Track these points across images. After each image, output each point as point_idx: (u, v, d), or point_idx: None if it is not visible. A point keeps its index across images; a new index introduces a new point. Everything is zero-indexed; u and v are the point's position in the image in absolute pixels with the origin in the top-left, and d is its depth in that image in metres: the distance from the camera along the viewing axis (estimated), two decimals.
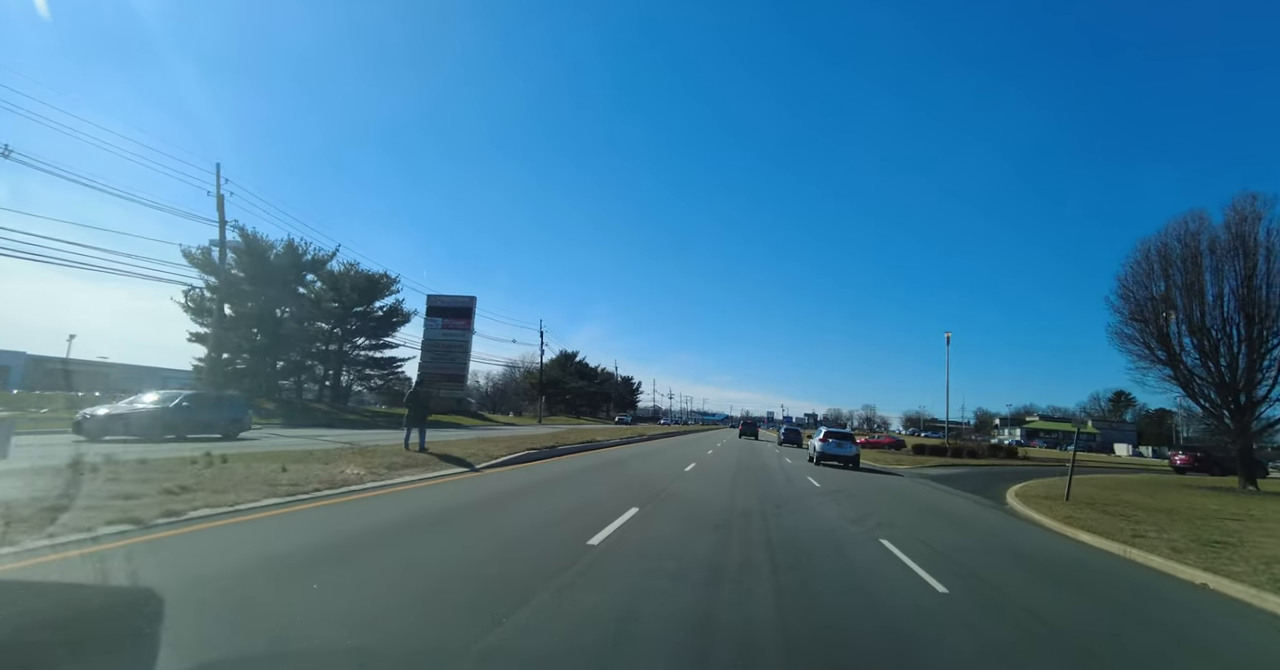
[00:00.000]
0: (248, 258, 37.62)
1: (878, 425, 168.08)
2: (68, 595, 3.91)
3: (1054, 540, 11.30)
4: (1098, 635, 5.47)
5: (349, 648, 3.54)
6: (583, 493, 11.92)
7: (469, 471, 13.20)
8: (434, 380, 59.27)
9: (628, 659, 3.86)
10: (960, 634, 5.08)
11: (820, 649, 4.46)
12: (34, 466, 9.03)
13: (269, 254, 38.71)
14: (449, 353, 59.72)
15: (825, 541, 8.74)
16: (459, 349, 59.90)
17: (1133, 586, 7.93)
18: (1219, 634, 6.12)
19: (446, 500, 9.60)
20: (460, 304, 60.84)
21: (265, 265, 38.09)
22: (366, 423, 36.05)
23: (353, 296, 44.48)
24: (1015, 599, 6.40)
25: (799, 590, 5.89)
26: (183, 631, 3.46)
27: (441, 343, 59.81)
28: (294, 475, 9.77)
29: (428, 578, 5.21)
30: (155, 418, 17.32)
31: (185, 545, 5.58)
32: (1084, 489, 19.20)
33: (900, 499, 16.05)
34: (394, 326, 48.57)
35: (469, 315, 60.34)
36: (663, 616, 4.66)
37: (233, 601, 4.25)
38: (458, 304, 60.87)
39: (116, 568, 4.69)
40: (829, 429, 29.63)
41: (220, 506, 7.16)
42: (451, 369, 59.68)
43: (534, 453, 16.85)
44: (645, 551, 6.92)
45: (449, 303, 60.88)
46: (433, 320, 60.34)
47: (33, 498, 6.43)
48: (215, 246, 35.26)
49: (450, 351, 59.78)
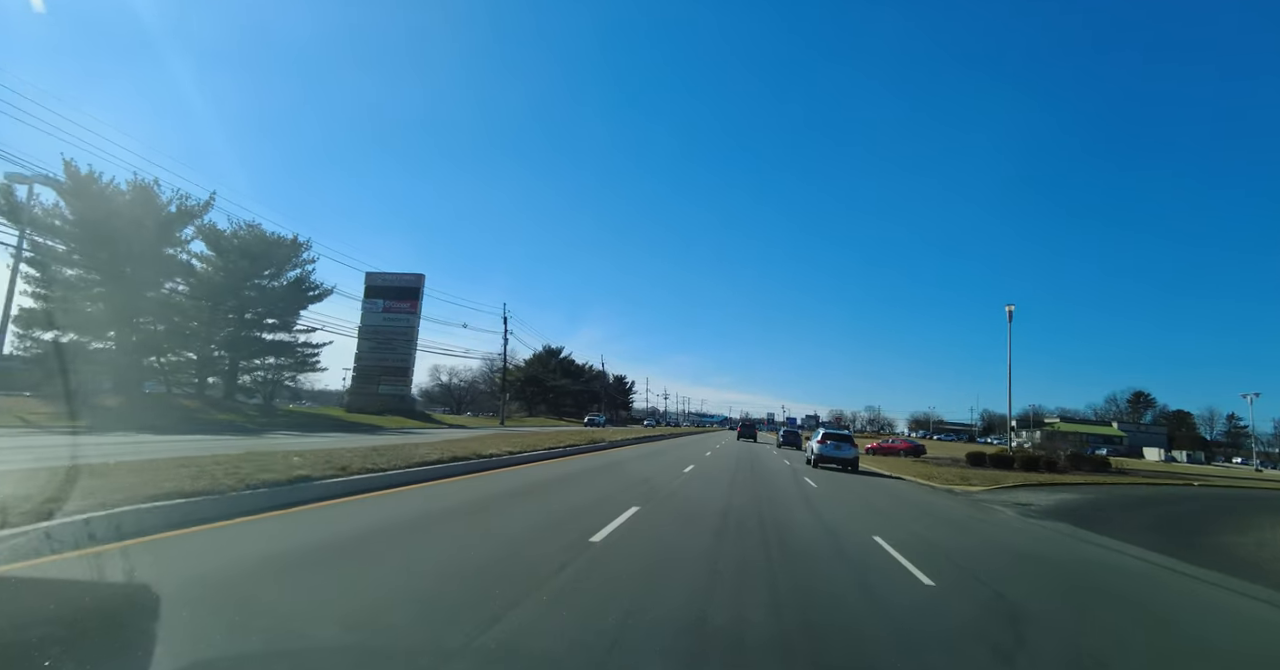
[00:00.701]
0: (76, 202, 27.81)
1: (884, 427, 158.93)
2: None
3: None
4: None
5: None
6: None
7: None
8: (371, 374, 49.63)
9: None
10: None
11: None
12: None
13: (112, 200, 28.87)
14: (390, 341, 49.92)
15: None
16: (402, 337, 50.10)
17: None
18: None
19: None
20: (404, 283, 51.04)
21: (105, 214, 28.22)
22: (237, 426, 26.27)
23: (242, 264, 34.59)
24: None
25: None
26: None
27: (382, 329, 50.04)
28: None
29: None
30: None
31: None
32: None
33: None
34: (302, 303, 38.58)
35: (415, 296, 50.56)
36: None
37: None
38: (402, 283, 51.07)
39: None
40: (827, 430, 27.79)
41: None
42: (392, 360, 49.90)
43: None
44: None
45: (391, 281, 51.09)
46: (372, 302, 50.60)
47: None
48: (17, 182, 25.54)
49: (392, 339, 49.98)
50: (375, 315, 50.34)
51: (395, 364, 49.91)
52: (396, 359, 50.01)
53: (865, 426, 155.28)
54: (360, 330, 49.93)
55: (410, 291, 50.61)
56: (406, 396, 49.98)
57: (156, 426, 21.79)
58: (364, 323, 50.19)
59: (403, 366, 50.18)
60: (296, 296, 37.77)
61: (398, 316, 50.29)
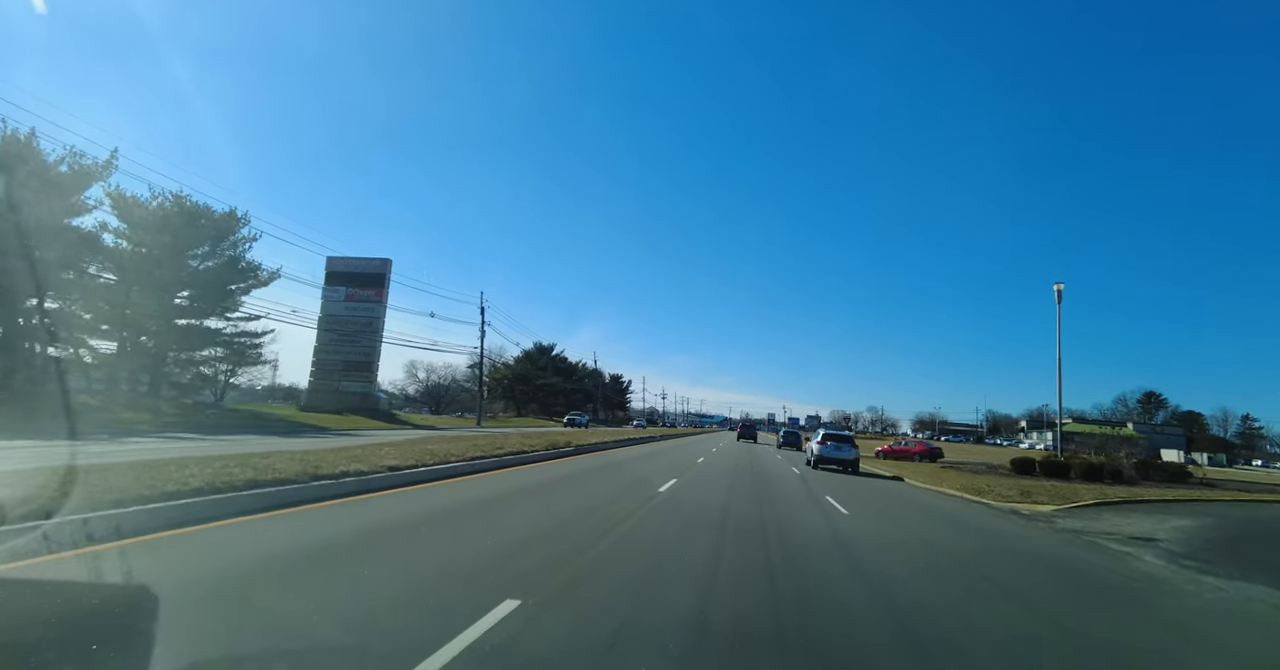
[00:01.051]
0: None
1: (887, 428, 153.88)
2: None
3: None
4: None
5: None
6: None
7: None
8: (332, 369, 44.85)
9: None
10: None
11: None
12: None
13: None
14: (353, 333, 45.07)
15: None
16: (366, 328, 45.23)
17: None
18: None
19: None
20: (369, 268, 46.19)
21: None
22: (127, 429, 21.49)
23: (163, 239, 29.71)
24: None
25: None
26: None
27: (344, 319, 45.19)
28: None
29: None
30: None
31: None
32: None
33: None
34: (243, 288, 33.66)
35: (381, 283, 45.72)
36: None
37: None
38: (366, 269, 46.22)
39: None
40: (827, 431, 27.16)
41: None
42: (355, 354, 45.05)
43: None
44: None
45: (355, 267, 46.25)
46: (333, 289, 45.74)
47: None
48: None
49: (355, 331, 45.14)
50: (337, 304, 45.47)
51: (358, 358, 45.03)
52: (360, 353, 45.14)
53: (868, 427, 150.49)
54: (320, 321, 45.08)
55: (375, 278, 45.75)
56: (370, 394, 45.11)
57: (11, 428, 16.94)
58: (324, 312, 45.32)
59: (366, 361, 45.30)
60: (233, 279, 32.89)
61: (362, 305, 45.42)
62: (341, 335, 45.03)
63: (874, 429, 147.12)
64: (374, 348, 45.48)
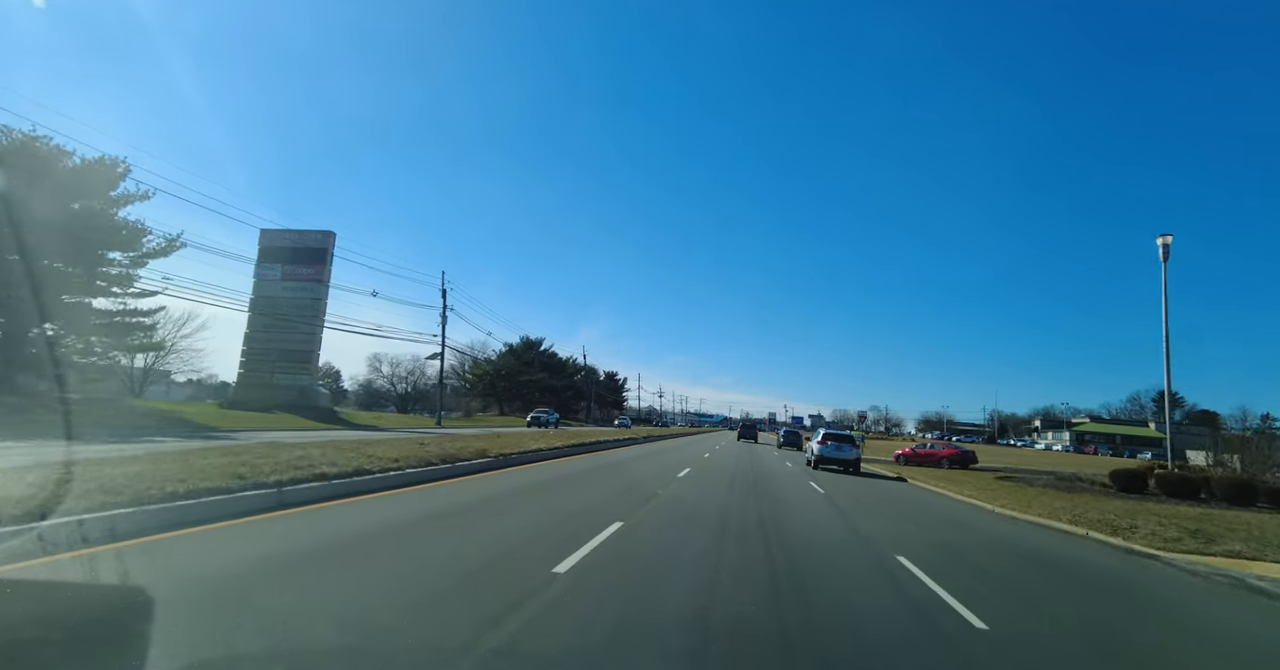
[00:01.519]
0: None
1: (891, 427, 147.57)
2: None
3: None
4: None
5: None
6: None
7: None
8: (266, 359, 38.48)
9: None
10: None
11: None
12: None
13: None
14: (290, 317, 38.59)
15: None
16: (305, 311, 38.75)
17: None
18: None
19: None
20: (309, 242, 39.71)
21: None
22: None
23: (12, 188, 23.26)
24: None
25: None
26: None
27: (279, 300, 38.72)
28: None
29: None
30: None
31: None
32: None
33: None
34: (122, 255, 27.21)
35: (323, 259, 39.25)
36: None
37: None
38: (305, 242, 39.74)
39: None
40: (828, 431, 27.13)
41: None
42: (292, 342, 38.58)
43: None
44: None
45: (292, 241, 39.74)
46: (269, 267, 39.23)
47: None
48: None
49: (292, 315, 38.66)
50: (272, 283, 38.99)
51: (296, 347, 38.56)
52: (297, 340, 38.66)
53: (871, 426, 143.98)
54: (252, 302, 38.53)
55: (316, 253, 39.28)
56: (310, 389, 38.64)
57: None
58: (257, 293, 38.80)
59: (305, 349, 38.81)
60: (108, 243, 26.47)
61: (301, 284, 38.94)
62: (276, 319, 38.58)
63: (878, 429, 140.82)
64: (314, 335, 39.01)
